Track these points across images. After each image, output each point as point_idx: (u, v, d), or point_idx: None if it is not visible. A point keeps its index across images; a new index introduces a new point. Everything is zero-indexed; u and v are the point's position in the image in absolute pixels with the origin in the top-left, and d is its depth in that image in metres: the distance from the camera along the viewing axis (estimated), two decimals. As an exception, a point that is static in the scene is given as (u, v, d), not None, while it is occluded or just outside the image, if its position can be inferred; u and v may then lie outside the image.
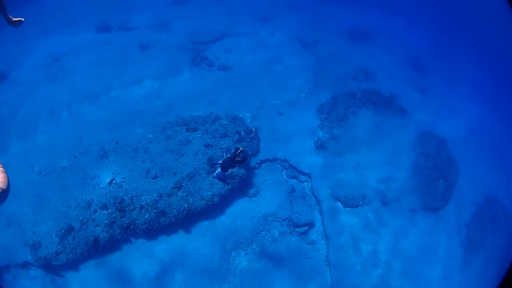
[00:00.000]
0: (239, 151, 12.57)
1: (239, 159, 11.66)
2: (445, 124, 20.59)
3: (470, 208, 16.71)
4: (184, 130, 15.28)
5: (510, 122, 23.28)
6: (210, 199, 13.00)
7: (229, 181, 13.48)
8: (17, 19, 5.08)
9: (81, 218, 12.53)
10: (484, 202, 17.19)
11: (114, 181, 13.67)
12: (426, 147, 18.27)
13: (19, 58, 21.15)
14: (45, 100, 17.94)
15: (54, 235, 12.15)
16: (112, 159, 14.49)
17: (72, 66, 20.12)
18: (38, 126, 16.62)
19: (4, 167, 2.40)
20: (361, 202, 14.98)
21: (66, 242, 12.01)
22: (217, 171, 13.30)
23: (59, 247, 11.93)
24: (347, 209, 14.72)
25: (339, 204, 14.78)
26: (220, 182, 13.35)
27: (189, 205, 12.76)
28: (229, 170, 13.31)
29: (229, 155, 13.07)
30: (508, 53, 30.12)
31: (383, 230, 14.50)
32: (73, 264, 12.06)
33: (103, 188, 13.47)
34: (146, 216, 12.47)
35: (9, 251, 12.32)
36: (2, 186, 2.32)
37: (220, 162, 13.33)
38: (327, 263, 13.25)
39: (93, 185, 13.64)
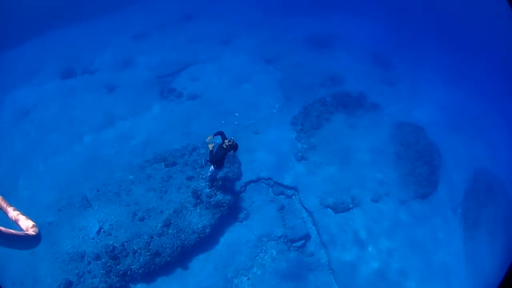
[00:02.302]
0: (228, 141, 11.23)
1: (230, 143, 10.90)
2: (418, 111, 21.19)
3: (461, 186, 17.14)
4: (163, 166, 15.11)
5: (481, 95, 24.06)
6: (202, 232, 12.82)
7: (220, 182, 13.33)
8: None
9: (77, 271, 12.14)
10: (474, 177, 17.68)
11: (102, 230, 13.36)
12: (404, 137, 18.68)
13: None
14: (21, 156, 17.49)
15: (56, 292, 11.86)
16: (96, 207, 14.19)
17: (43, 117, 19.68)
18: (18, 183, 16.16)
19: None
20: (351, 205, 15.11)
21: (67, 297, 11.73)
22: (210, 169, 12.57)
23: (62, 303, 11.63)
24: (339, 214, 14.81)
25: (330, 211, 14.84)
26: (208, 213, 13.16)
27: (182, 241, 12.54)
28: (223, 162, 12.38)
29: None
30: (471, 30, 31.26)
31: (379, 227, 14.64)
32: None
33: (93, 239, 13.14)
34: (140, 260, 12.19)
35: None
36: (34, 231, 2.48)
37: (209, 159, 11.90)
38: (331, 271, 13.24)
39: (82, 237, 13.29)
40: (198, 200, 13.52)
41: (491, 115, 22.70)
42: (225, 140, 10.71)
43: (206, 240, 13.13)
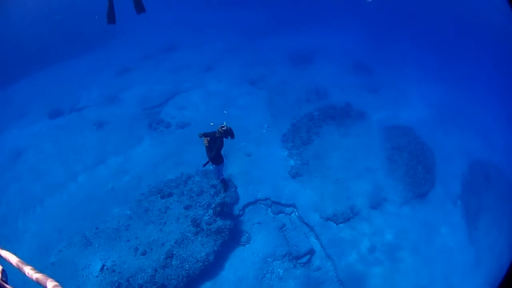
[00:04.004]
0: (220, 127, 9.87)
1: (224, 128, 9.65)
2: (405, 113, 21.70)
3: (457, 180, 17.47)
4: (159, 198, 15.14)
5: (465, 86, 24.66)
6: (206, 259, 12.81)
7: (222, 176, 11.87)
8: None
9: (84, 311, 12.21)
10: (470, 169, 18.03)
11: (105, 267, 13.29)
12: (394, 140, 19.07)
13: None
14: (17, 199, 17.27)
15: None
16: (97, 245, 14.13)
17: (35, 159, 19.56)
18: (18, 226, 16.03)
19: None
20: (351, 214, 15.26)
21: None
22: (214, 169, 11.37)
23: None
24: (341, 225, 14.94)
25: (331, 223, 14.98)
26: (210, 240, 13.19)
27: (187, 271, 12.50)
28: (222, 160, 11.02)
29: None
30: (448, 24, 32.15)
31: (381, 232, 14.81)
32: None
33: (97, 277, 13.04)
34: (147, 294, 12.26)
35: None
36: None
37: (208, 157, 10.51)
38: (340, 282, 13.27)
39: (86, 276, 13.19)
40: (198, 229, 13.56)
41: (478, 103, 23.29)
42: (218, 128, 9.73)
43: (211, 268, 13.10)
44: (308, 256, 14.01)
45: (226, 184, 12.89)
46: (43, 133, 21.80)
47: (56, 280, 2.69)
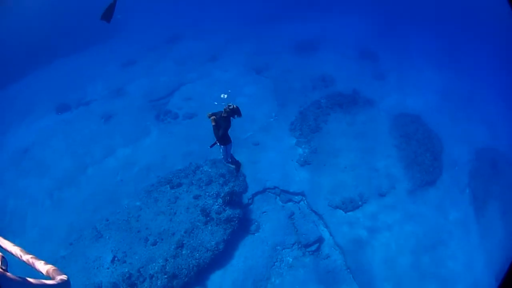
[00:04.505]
0: (227, 106, 9.51)
1: (230, 107, 9.30)
2: (412, 100, 21.42)
3: (465, 167, 17.30)
4: (169, 189, 15.19)
5: (471, 73, 24.37)
6: (216, 248, 12.89)
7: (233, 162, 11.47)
8: None
9: (96, 302, 12.32)
10: (476, 156, 17.84)
11: (116, 258, 13.41)
12: (402, 128, 18.89)
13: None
14: (26, 194, 17.52)
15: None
16: (107, 237, 14.25)
17: (43, 154, 19.78)
18: (27, 221, 16.20)
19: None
20: (360, 202, 15.23)
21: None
22: (221, 151, 10.70)
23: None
24: (349, 213, 14.91)
25: (340, 211, 14.94)
26: (219, 229, 13.23)
27: (197, 260, 12.59)
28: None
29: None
30: (454, 10, 31.71)
31: (390, 220, 14.74)
32: None
33: (108, 268, 13.18)
34: (158, 284, 12.19)
35: None
36: (65, 277, 2.55)
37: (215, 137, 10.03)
38: (349, 270, 13.26)
39: (97, 267, 13.34)
40: (208, 218, 13.60)
41: (483, 90, 23.00)
42: (224, 107, 9.46)
43: (221, 256, 13.17)
44: (317, 244, 14.03)
45: (237, 163, 11.98)
46: (51, 128, 21.98)
47: (66, 273, 2.67)
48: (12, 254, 2.75)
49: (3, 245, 2.75)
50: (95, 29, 29.94)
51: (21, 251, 2.72)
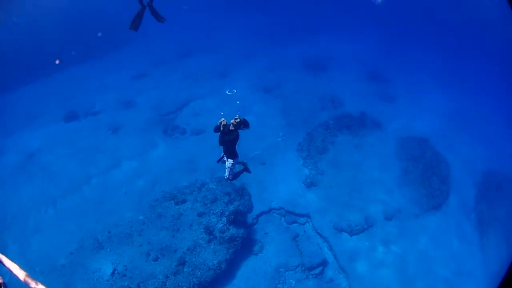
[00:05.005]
0: (234, 120, 9.26)
1: (237, 120, 9.07)
2: (419, 123, 21.57)
3: (471, 191, 17.36)
4: (173, 204, 15.10)
5: (478, 94, 24.51)
6: (218, 267, 12.70)
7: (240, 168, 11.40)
8: None
9: (93, 315, 12.18)
10: (483, 179, 17.87)
11: (116, 271, 13.27)
12: (409, 151, 18.93)
13: (-8, 158, 20.53)
14: (29, 200, 17.34)
15: None
16: (108, 249, 14.14)
17: (48, 161, 19.69)
18: (28, 226, 16.05)
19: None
20: (365, 226, 15.15)
21: None
22: (227, 166, 10.50)
23: None
24: (355, 236, 14.82)
25: (345, 234, 14.86)
26: (222, 248, 13.08)
27: (198, 278, 12.41)
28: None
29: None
30: (460, 31, 32.06)
31: (395, 245, 14.68)
32: None
33: (107, 281, 13.03)
34: (158, 301, 12.21)
35: None
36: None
37: (224, 153, 10.29)
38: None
39: (97, 279, 13.18)
40: (211, 236, 13.47)
41: (489, 110, 23.15)
42: (231, 121, 9.24)
43: (223, 276, 13.01)
44: (321, 268, 13.88)
45: (245, 166, 11.76)
46: (58, 135, 21.95)
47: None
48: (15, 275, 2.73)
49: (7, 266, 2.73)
50: (108, 39, 30.47)
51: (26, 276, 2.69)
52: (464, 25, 33.58)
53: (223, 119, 9.18)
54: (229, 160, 10.26)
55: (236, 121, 9.19)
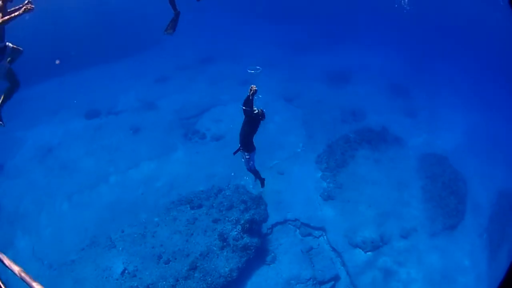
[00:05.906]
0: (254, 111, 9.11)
1: (256, 111, 8.96)
2: (441, 140, 21.15)
3: (486, 211, 16.87)
4: (189, 209, 15.14)
5: (501, 115, 23.91)
6: (229, 275, 12.62)
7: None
8: None
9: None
10: (498, 200, 17.35)
11: (126, 271, 13.31)
12: (429, 169, 18.60)
13: (11, 150, 20.69)
14: (44, 193, 17.62)
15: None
16: (120, 248, 14.19)
17: (67, 156, 20.00)
18: (40, 220, 16.28)
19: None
20: (380, 243, 14.87)
21: None
22: (246, 159, 10.41)
23: None
24: (369, 253, 14.54)
25: (360, 250, 14.59)
26: (235, 256, 13.00)
27: (208, 285, 12.34)
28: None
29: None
30: (489, 51, 31.51)
31: (409, 263, 14.35)
32: None
33: (117, 280, 13.07)
34: (166, 304, 12.14)
35: None
36: None
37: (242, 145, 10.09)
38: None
39: (106, 277, 13.24)
40: (225, 243, 13.43)
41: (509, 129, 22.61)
42: (254, 108, 9.03)
43: (233, 284, 12.87)
44: (333, 283, 13.65)
45: (260, 176, 11.29)
46: (78, 131, 22.24)
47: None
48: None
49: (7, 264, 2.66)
50: (132, 41, 30.85)
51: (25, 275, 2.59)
52: (497, 47, 32.95)
53: (253, 85, 8.93)
54: (245, 153, 10.15)
55: (255, 112, 9.05)
